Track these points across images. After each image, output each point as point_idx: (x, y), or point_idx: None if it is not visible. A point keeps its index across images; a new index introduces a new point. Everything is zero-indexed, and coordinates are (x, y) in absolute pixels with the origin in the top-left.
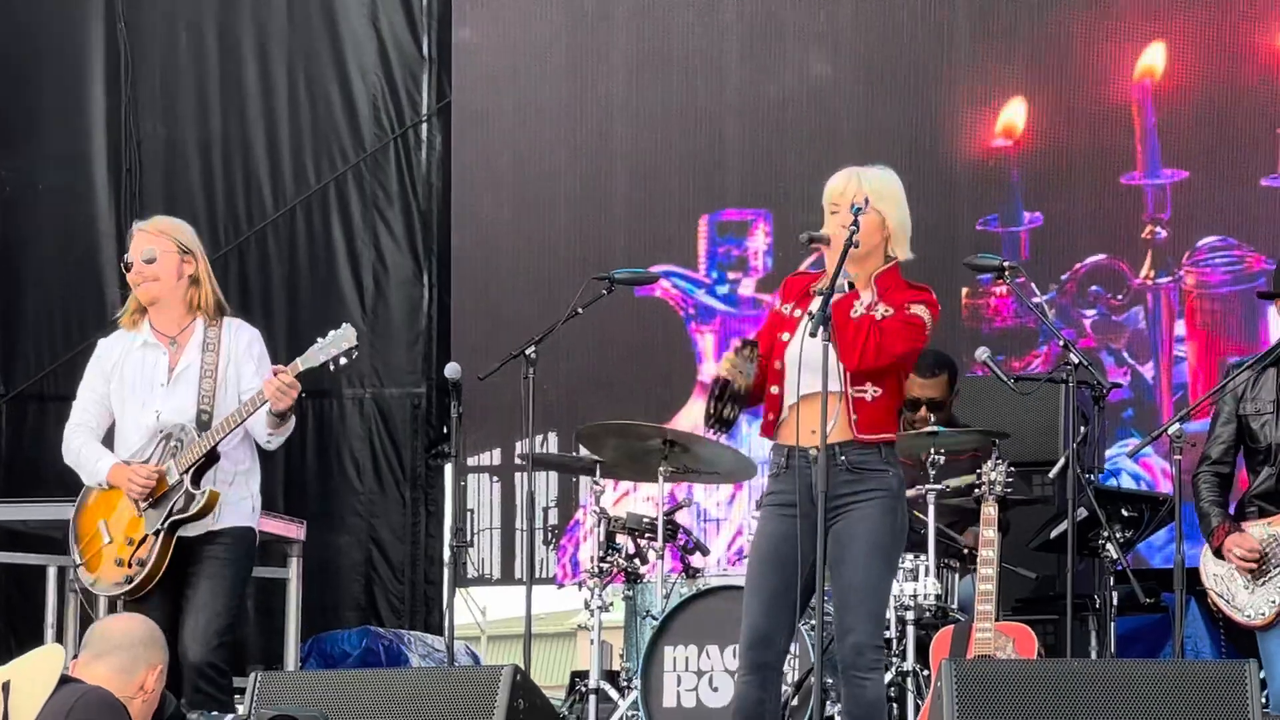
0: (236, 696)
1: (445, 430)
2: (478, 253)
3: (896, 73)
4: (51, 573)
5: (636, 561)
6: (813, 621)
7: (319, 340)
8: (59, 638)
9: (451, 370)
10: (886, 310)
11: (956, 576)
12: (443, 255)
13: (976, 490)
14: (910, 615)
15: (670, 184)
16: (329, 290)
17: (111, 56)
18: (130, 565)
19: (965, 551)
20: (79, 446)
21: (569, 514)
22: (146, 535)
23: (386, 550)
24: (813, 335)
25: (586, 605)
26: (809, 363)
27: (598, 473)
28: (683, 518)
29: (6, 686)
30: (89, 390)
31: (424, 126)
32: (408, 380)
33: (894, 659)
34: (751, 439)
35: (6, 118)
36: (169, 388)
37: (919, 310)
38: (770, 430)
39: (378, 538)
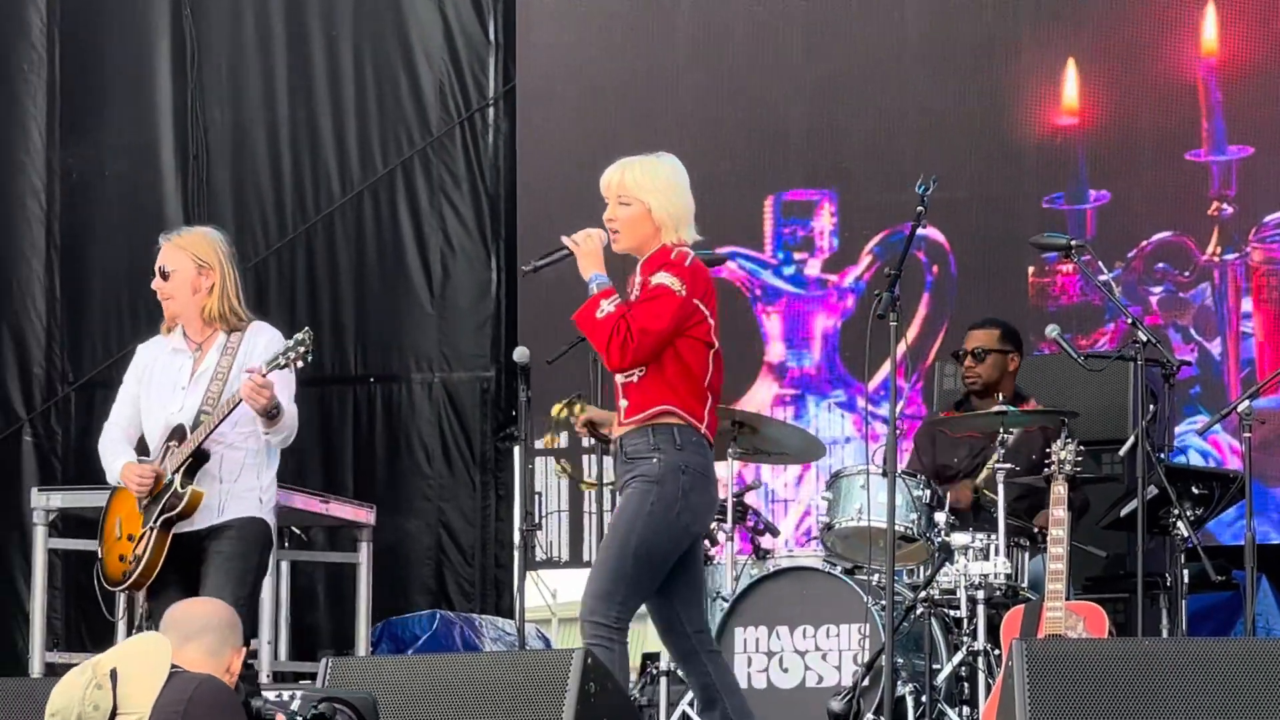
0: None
1: (514, 414)
2: (545, 236)
3: (960, 50)
4: None
5: (706, 543)
6: (882, 602)
7: (288, 342)
8: (129, 625)
9: (520, 354)
10: (638, 290)
11: (1027, 555)
12: (510, 238)
13: (1046, 469)
14: (981, 595)
15: (735, 165)
16: (397, 275)
17: (177, 43)
18: (129, 561)
19: (1035, 530)
20: (104, 447)
21: None
22: (144, 532)
23: (456, 534)
24: (881, 316)
25: None
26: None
27: None
28: (751, 499)
29: (114, 674)
30: (124, 392)
31: (490, 110)
32: (476, 364)
33: (965, 638)
34: (819, 419)
35: (73, 106)
36: (188, 390)
37: (659, 279)
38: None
39: (447, 522)
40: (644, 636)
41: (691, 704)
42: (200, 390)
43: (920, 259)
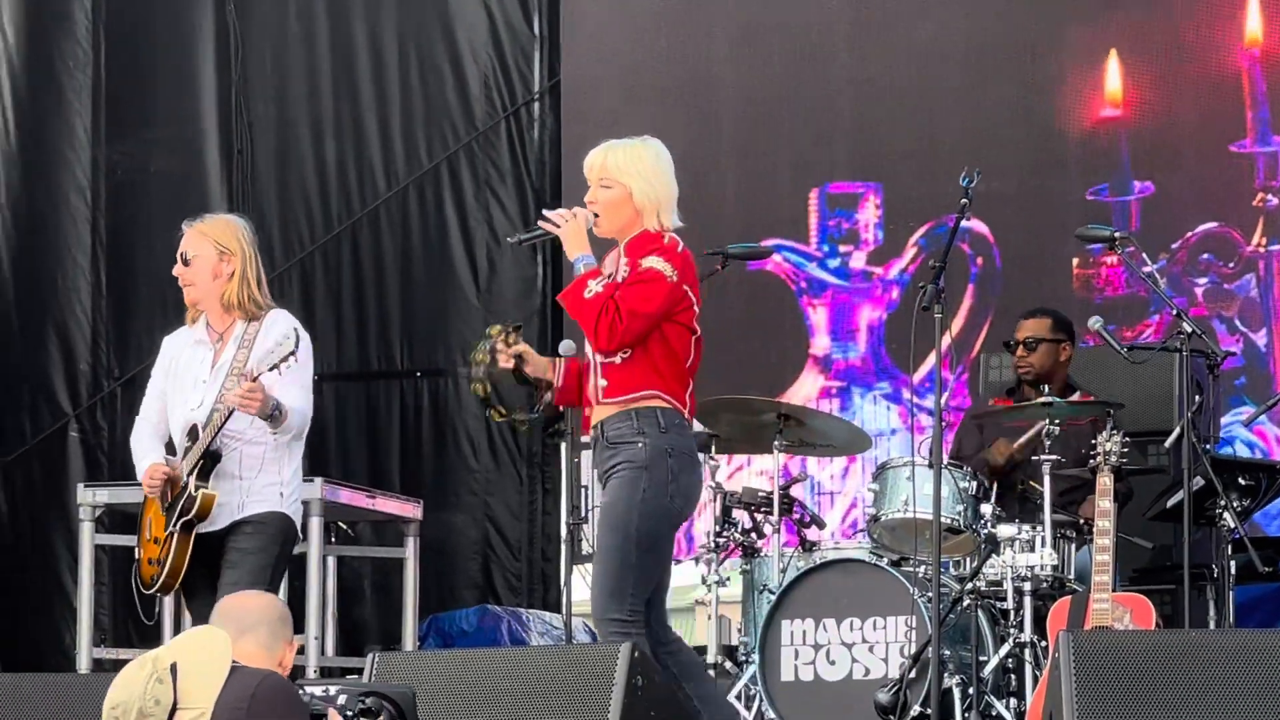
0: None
1: (560, 408)
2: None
3: (1003, 42)
4: None
5: (753, 536)
6: (929, 594)
7: (278, 339)
8: (176, 620)
9: (565, 347)
10: (626, 272)
11: (1073, 547)
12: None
13: (1092, 461)
14: (1027, 586)
15: (779, 158)
16: (442, 269)
17: (222, 38)
18: (155, 564)
19: (1082, 522)
20: (133, 445)
21: None
22: (166, 535)
23: (503, 528)
24: (925, 308)
25: (704, 580)
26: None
27: (713, 448)
28: (798, 491)
29: (174, 669)
30: (152, 386)
31: (535, 105)
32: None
33: (1011, 630)
34: (864, 411)
35: (118, 102)
36: (209, 384)
37: (650, 262)
38: (587, 423)
39: (494, 516)
40: (691, 630)
41: (739, 696)
42: (217, 385)
43: (965, 251)
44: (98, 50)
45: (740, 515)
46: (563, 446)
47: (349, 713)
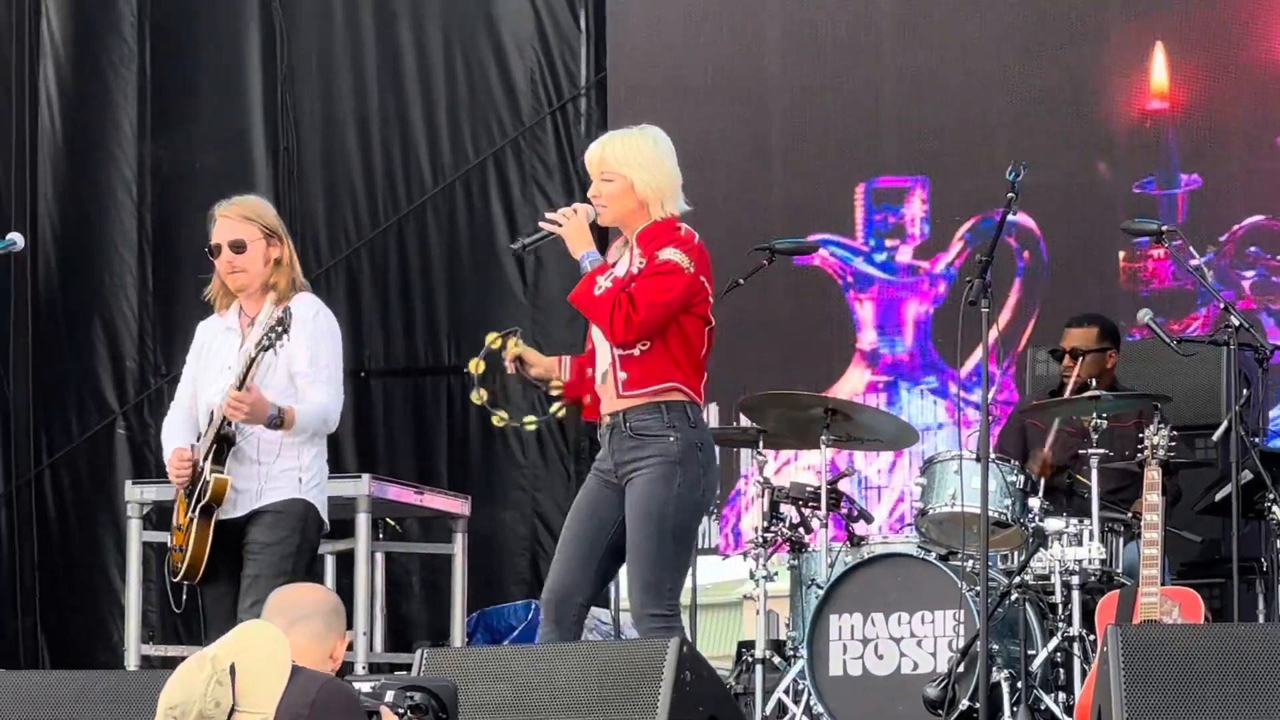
0: None
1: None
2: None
3: (1049, 35)
4: None
5: (800, 531)
6: (977, 588)
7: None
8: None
9: None
10: (641, 263)
11: (1121, 541)
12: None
13: (1140, 455)
14: (1075, 580)
15: (826, 152)
16: (489, 265)
17: (267, 34)
18: (177, 552)
19: (1130, 516)
20: (163, 434)
21: (731, 484)
22: (187, 522)
23: (551, 524)
24: (972, 303)
25: (752, 575)
26: (600, 338)
27: (760, 443)
28: (845, 486)
29: (233, 669)
30: (185, 372)
31: (582, 100)
32: (569, 353)
33: (1060, 624)
34: (911, 405)
35: (163, 98)
36: (233, 370)
37: (667, 254)
38: (590, 413)
39: (542, 511)
40: (739, 624)
41: (787, 691)
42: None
43: (1011, 245)
44: (143, 47)
45: (788, 510)
46: None
47: (400, 710)
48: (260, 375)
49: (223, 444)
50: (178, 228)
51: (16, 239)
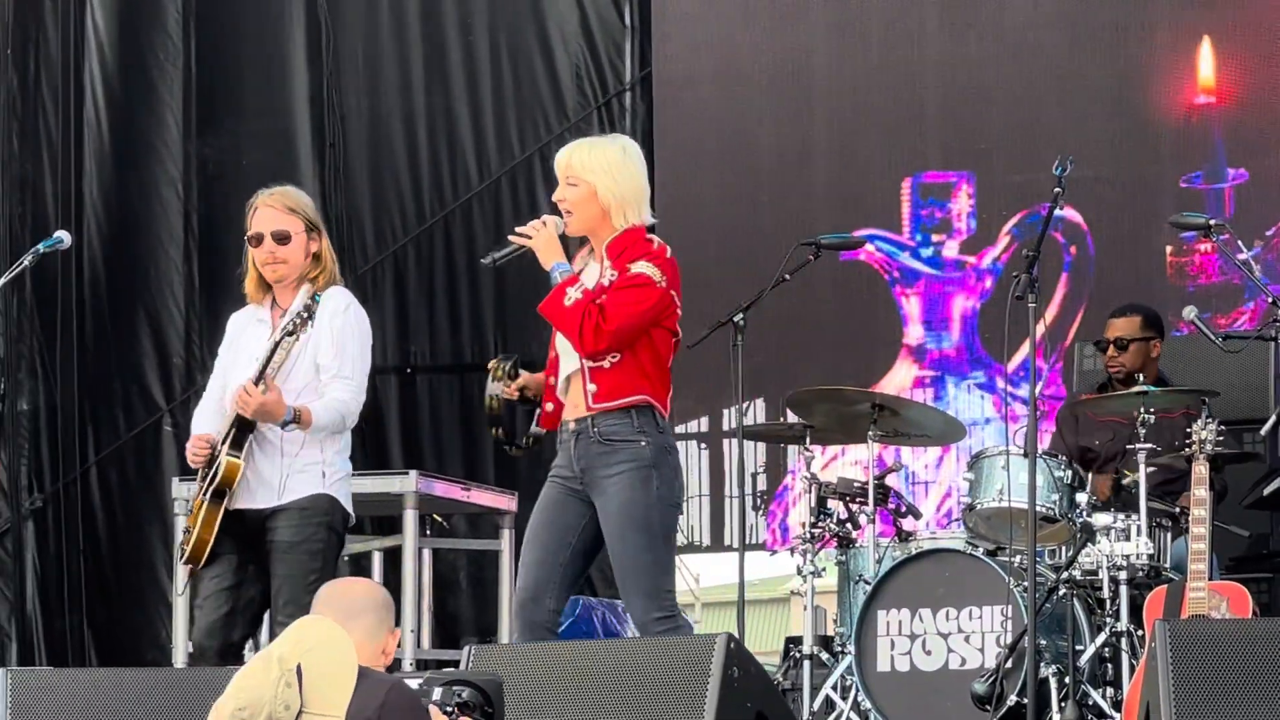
0: None
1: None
2: (683, 220)
3: (1097, 30)
4: None
5: (848, 526)
6: (1025, 583)
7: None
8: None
9: None
10: (612, 274)
11: (1169, 536)
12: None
13: (1187, 449)
14: (1123, 575)
15: (872, 147)
16: (535, 261)
17: (313, 31)
18: (186, 534)
19: (1178, 511)
20: (193, 422)
21: (778, 479)
22: (198, 504)
23: None
24: (1019, 298)
25: (799, 571)
26: (565, 348)
27: (807, 439)
28: (893, 481)
29: (299, 670)
30: (217, 364)
31: (627, 95)
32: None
33: (1108, 619)
34: (958, 400)
35: (209, 95)
36: (259, 361)
37: (640, 267)
38: (549, 420)
39: None
40: (786, 620)
41: (835, 687)
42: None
43: (1058, 240)
44: (188, 43)
45: (835, 505)
46: None
47: (448, 709)
48: (289, 365)
49: (242, 429)
50: (223, 224)
51: (63, 237)
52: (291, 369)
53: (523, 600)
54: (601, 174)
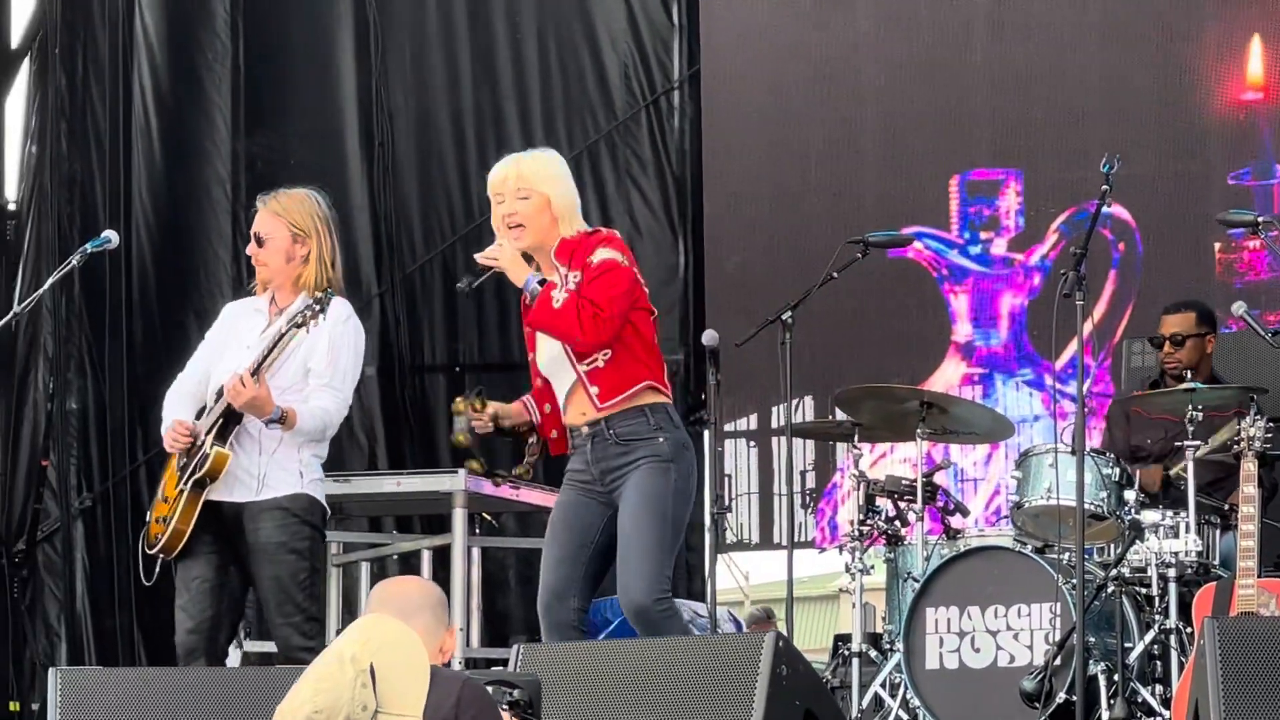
0: None
1: (703, 397)
2: (732, 218)
3: (1144, 27)
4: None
5: (897, 524)
6: (1074, 580)
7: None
8: (321, 612)
9: (709, 337)
10: (576, 275)
11: (1218, 533)
12: (697, 221)
13: (1236, 446)
14: (1172, 573)
15: (920, 145)
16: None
17: (361, 30)
18: (160, 524)
19: (1227, 508)
20: (166, 400)
21: (826, 477)
22: (176, 494)
23: None
24: (1066, 295)
25: (848, 568)
26: (552, 368)
27: (855, 437)
28: (942, 479)
29: (372, 670)
30: (201, 348)
31: (675, 93)
32: (665, 347)
33: (1156, 616)
34: (1007, 398)
35: (257, 95)
36: (251, 351)
37: (602, 254)
38: (560, 445)
39: None
40: (836, 617)
41: (884, 684)
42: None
43: (1107, 237)
44: (236, 42)
45: (884, 503)
46: (705, 435)
47: (503, 707)
48: (280, 362)
49: (229, 420)
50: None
51: (111, 237)
52: (281, 367)
53: (547, 601)
54: (552, 183)
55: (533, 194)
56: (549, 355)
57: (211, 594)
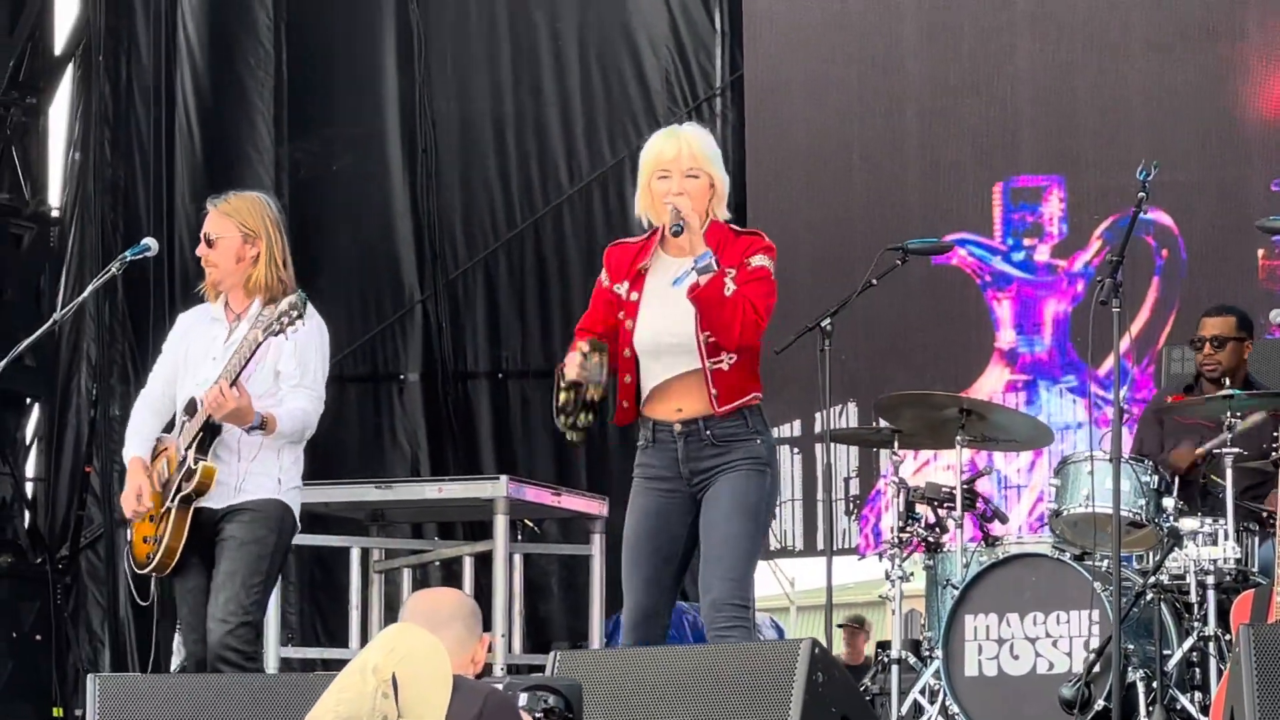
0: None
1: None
2: (773, 224)
3: (1186, 33)
4: (354, 554)
5: (936, 531)
6: (1111, 588)
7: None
8: (363, 619)
9: None
10: (730, 271)
11: (1256, 540)
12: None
13: (1274, 454)
14: (1210, 580)
15: (963, 152)
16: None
17: (404, 36)
18: (150, 543)
19: (1265, 515)
20: (130, 422)
21: (870, 484)
22: (164, 511)
23: None
24: (1103, 303)
25: (887, 575)
26: (665, 349)
27: (896, 444)
28: (985, 486)
29: (395, 680)
30: (160, 363)
31: (718, 99)
32: None
33: (1195, 623)
34: (1050, 404)
35: (300, 100)
36: (218, 361)
37: (761, 261)
38: (628, 416)
39: None
40: (882, 623)
41: (922, 691)
42: (224, 362)
43: (1150, 244)
44: (279, 48)
45: (924, 510)
46: None
47: (537, 715)
48: (249, 369)
49: (209, 433)
50: (315, 230)
51: (151, 244)
52: (252, 374)
53: (636, 620)
54: (717, 164)
55: (701, 174)
56: (672, 339)
57: (204, 595)
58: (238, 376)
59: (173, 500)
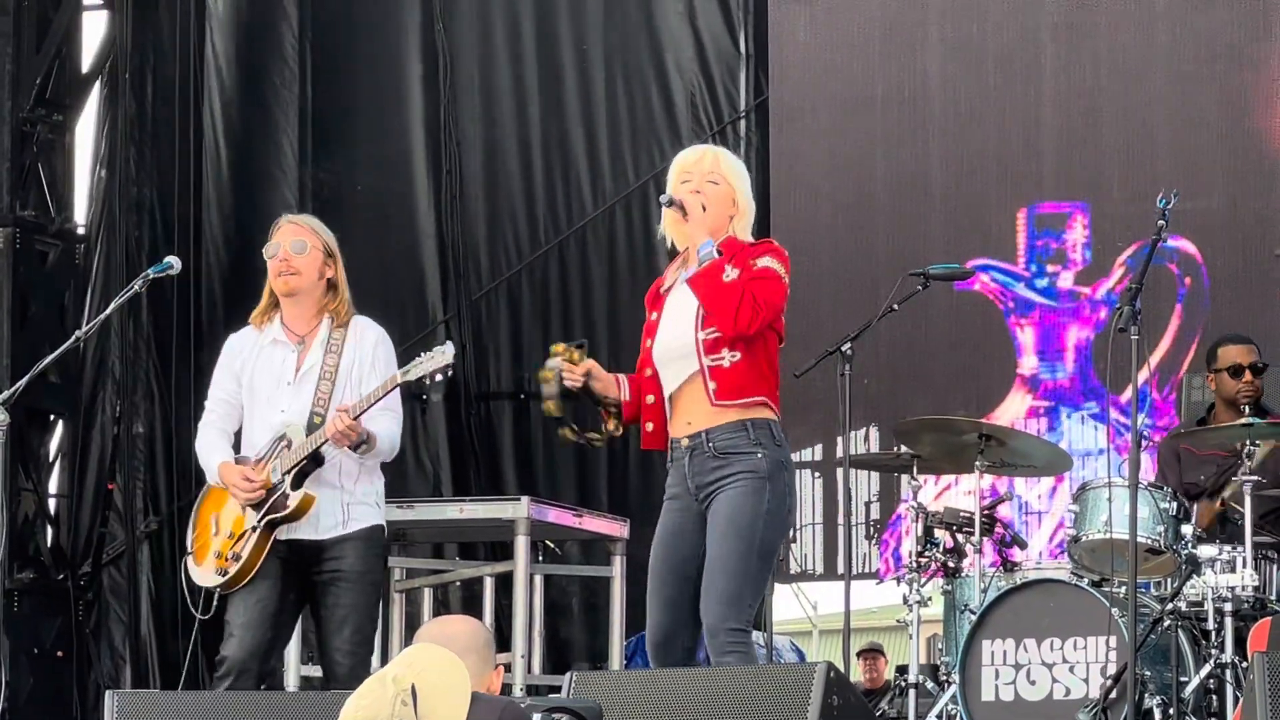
0: None
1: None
2: (796, 248)
3: (1209, 59)
4: None
5: (955, 556)
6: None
7: (418, 357)
8: (384, 638)
9: None
10: (735, 271)
11: (1275, 567)
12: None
13: None
14: (1228, 607)
15: (987, 178)
16: (646, 288)
17: (429, 58)
18: (226, 559)
19: None
20: (200, 445)
21: (891, 508)
22: (245, 531)
23: None
24: (1122, 330)
25: (905, 600)
26: (671, 356)
27: (914, 468)
28: (1005, 511)
29: (414, 690)
30: (218, 389)
31: (742, 123)
32: None
33: (1213, 650)
34: (1072, 431)
35: (325, 120)
36: (295, 386)
37: (767, 262)
38: (653, 440)
39: None
40: (904, 648)
41: (940, 716)
42: (309, 389)
43: (1173, 271)
44: (305, 69)
45: (941, 535)
46: None
47: None
48: (338, 390)
49: (311, 463)
50: (340, 250)
51: (173, 262)
52: (340, 394)
53: (657, 640)
54: (742, 180)
55: (723, 183)
56: (675, 344)
57: (272, 618)
58: (369, 405)
59: (259, 521)
